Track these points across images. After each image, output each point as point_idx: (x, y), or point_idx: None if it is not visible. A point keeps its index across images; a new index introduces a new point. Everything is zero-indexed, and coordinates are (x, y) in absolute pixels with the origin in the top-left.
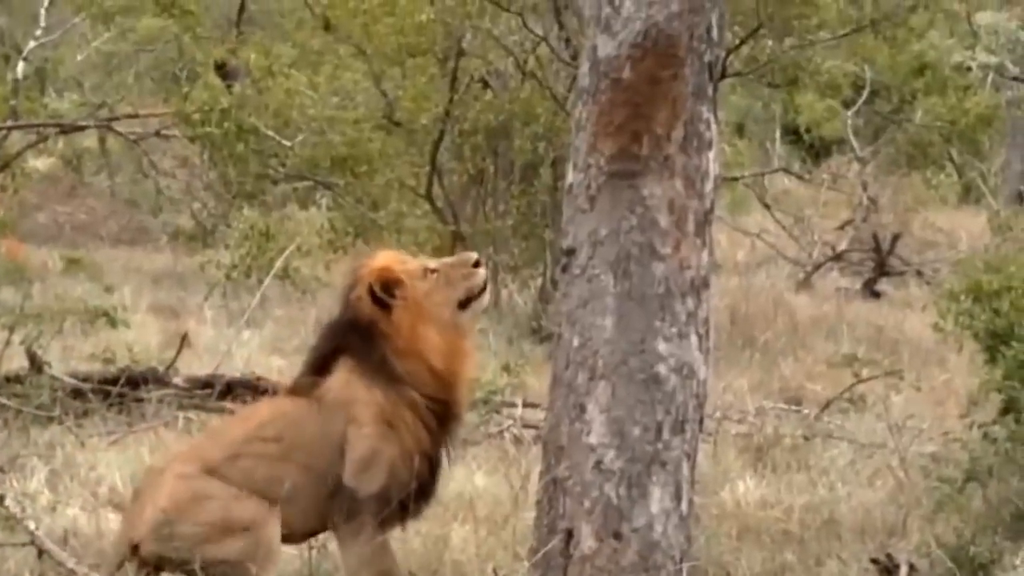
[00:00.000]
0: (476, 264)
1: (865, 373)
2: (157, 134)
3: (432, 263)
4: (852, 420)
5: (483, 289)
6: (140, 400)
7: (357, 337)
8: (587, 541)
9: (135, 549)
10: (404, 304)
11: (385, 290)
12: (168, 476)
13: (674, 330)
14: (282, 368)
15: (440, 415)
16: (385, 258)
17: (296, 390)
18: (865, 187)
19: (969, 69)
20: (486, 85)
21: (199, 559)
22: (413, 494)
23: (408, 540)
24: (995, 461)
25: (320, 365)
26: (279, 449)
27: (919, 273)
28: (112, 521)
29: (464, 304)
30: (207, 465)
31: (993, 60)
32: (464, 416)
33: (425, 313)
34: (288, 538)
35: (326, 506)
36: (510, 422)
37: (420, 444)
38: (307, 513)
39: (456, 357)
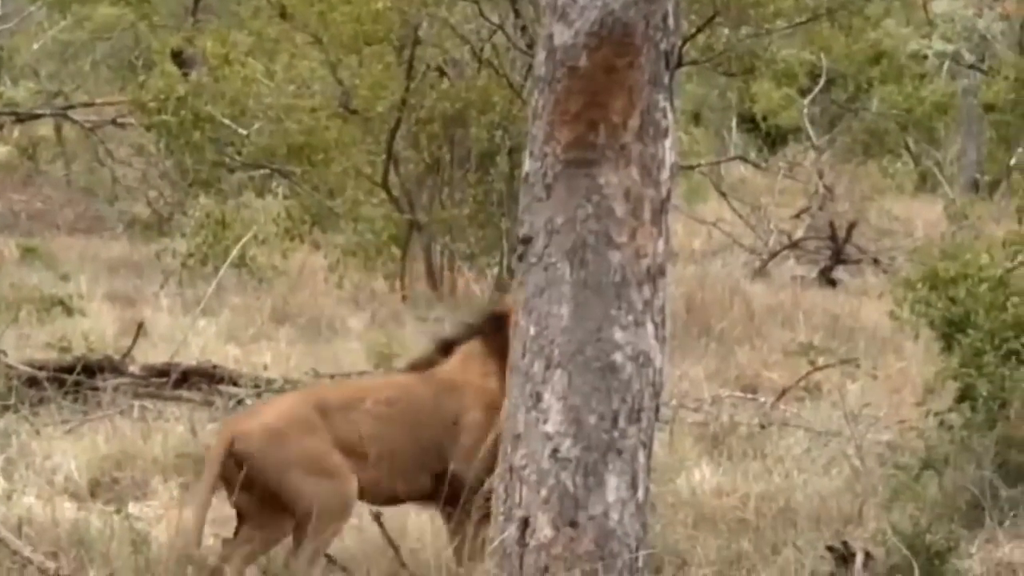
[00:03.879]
0: None
1: (821, 361)
2: (113, 122)
3: None
4: (808, 408)
5: None
6: (96, 389)
7: (491, 323)
8: (543, 529)
9: (231, 446)
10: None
11: None
12: (286, 399)
13: (630, 318)
14: (238, 356)
15: None
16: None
17: (416, 365)
18: (821, 175)
19: (925, 57)
20: (442, 73)
21: (281, 483)
22: None
23: (365, 528)
24: (951, 449)
25: (446, 346)
26: (389, 412)
27: (875, 261)
28: (68, 510)
29: None
30: (322, 404)
31: (949, 48)
32: None
33: None
34: (372, 498)
35: (416, 478)
36: None
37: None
38: (397, 478)
39: None
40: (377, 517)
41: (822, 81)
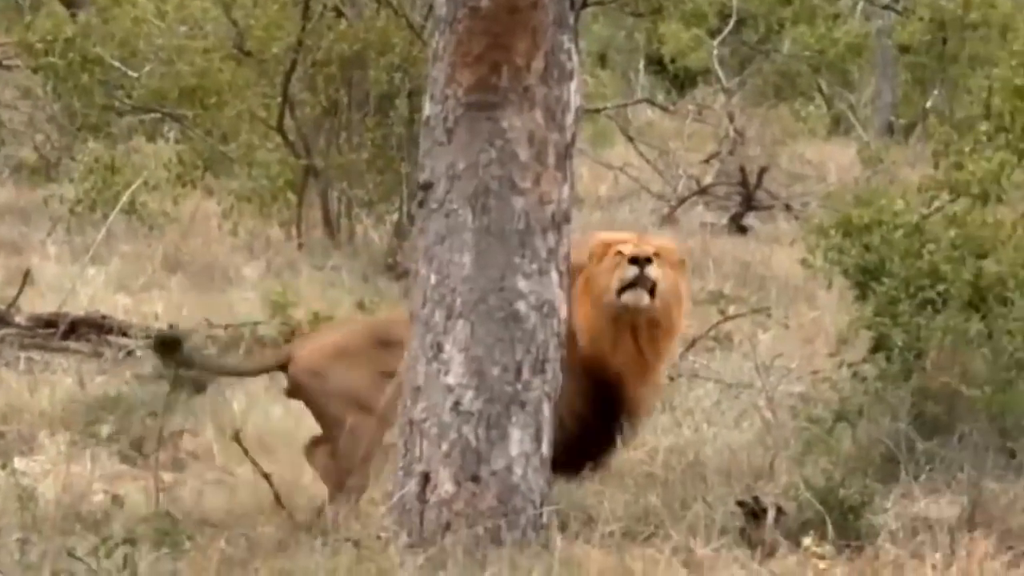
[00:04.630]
0: (634, 260)
1: (732, 310)
2: None
3: (624, 245)
4: (718, 359)
5: (632, 283)
6: None
7: None
8: (445, 485)
9: (285, 361)
10: (583, 276)
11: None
12: (355, 326)
13: (534, 267)
14: (128, 306)
15: (602, 391)
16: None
17: None
18: (732, 119)
19: None
20: (340, 14)
21: (325, 409)
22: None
23: (261, 481)
24: (865, 401)
25: None
26: None
27: (787, 207)
28: None
29: (620, 291)
30: (382, 337)
31: None
32: (641, 400)
33: (588, 291)
34: None
35: None
36: None
37: (571, 405)
38: None
39: (603, 343)
40: (267, 476)
41: (732, 22)
